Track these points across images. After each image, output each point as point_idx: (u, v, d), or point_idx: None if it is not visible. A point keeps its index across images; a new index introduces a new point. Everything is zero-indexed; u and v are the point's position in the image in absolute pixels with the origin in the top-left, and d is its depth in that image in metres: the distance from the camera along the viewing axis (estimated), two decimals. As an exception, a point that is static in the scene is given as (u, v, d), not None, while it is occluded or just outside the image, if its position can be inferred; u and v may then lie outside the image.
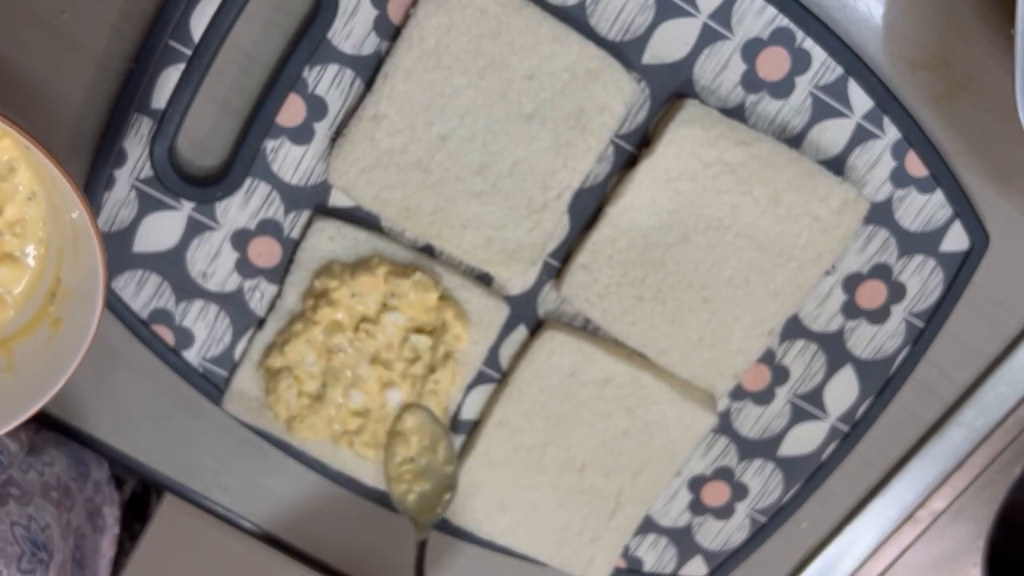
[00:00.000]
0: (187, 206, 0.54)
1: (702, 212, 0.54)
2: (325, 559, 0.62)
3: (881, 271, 0.58)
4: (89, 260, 0.46)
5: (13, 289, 0.50)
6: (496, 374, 0.59)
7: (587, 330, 0.58)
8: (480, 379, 0.58)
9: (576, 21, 0.52)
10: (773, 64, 0.53)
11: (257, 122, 0.52)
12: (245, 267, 0.55)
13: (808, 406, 0.61)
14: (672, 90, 0.54)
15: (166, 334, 0.56)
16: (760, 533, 0.64)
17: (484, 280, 0.57)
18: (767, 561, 0.65)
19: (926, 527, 0.66)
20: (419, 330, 0.55)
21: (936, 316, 0.59)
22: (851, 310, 0.59)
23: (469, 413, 0.59)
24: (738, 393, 0.60)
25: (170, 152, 0.52)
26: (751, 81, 0.54)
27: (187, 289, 0.55)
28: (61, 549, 0.54)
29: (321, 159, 0.54)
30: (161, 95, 0.51)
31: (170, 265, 0.55)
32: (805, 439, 0.61)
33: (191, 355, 0.57)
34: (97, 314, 0.46)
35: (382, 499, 0.60)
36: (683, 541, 0.63)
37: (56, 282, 0.49)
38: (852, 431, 0.61)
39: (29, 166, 0.48)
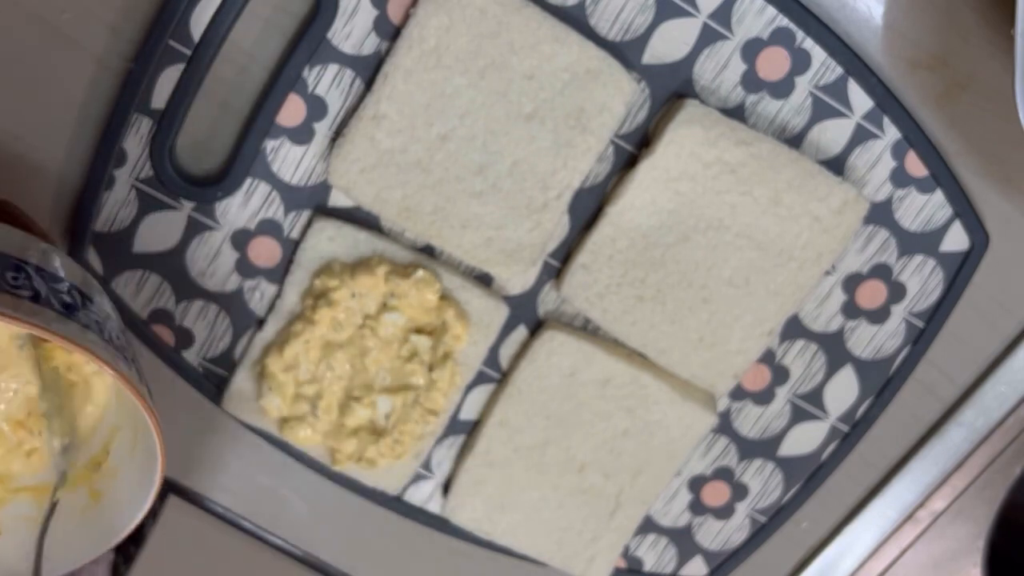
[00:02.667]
0: (187, 206, 0.54)
1: (702, 212, 0.54)
2: (325, 559, 0.62)
3: (881, 271, 0.58)
4: (146, 469, 0.46)
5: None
6: (496, 374, 0.59)
7: (587, 330, 0.58)
8: (480, 379, 0.58)
9: (576, 21, 0.52)
10: (773, 64, 0.53)
11: (257, 122, 0.52)
12: (245, 267, 0.55)
13: (808, 406, 0.61)
14: (672, 90, 0.54)
15: (166, 334, 0.56)
16: (760, 533, 0.64)
17: (484, 280, 0.57)
18: (767, 561, 0.65)
19: (926, 527, 0.66)
20: (419, 330, 0.55)
21: (936, 316, 0.59)
22: (851, 310, 0.59)
23: (469, 413, 0.59)
24: (738, 393, 0.60)
25: (170, 152, 0.52)
26: (751, 81, 0.54)
27: (187, 289, 0.55)
28: None
29: (321, 159, 0.54)
30: (161, 95, 0.51)
31: (170, 265, 0.55)
32: (805, 439, 0.61)
33: (191, 355, 0.57)
34: (137, 518, 0.46)
35: (382, 499, 0.60)
36: (683, 541, 0.63)
37: (104, 454, 0.49)
38: (852, 431, 0.61)
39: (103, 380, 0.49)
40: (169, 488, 0.60)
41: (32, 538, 0.48)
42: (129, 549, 0.62)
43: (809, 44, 0.53)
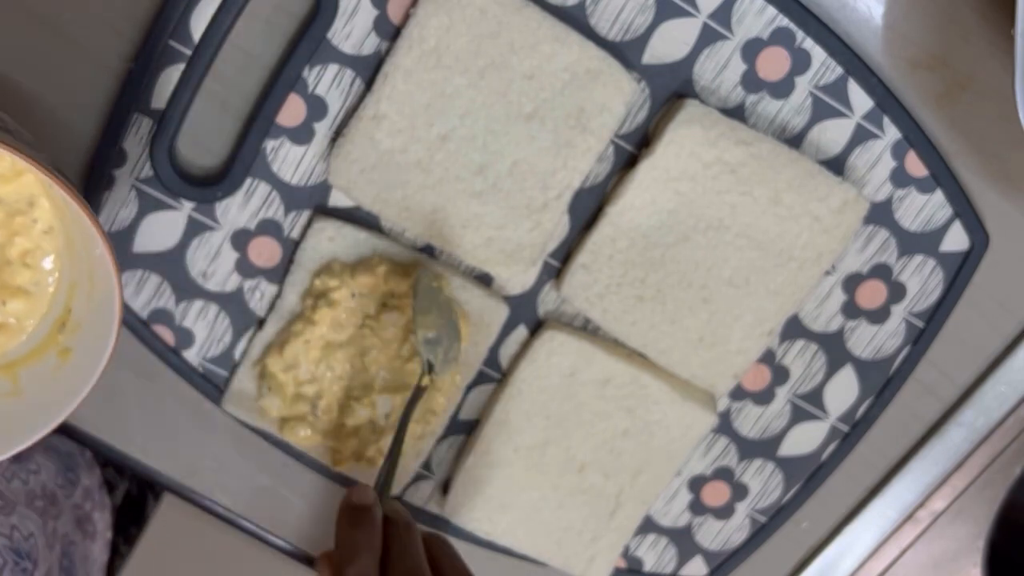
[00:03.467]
0: (187, 206, 0.54)
1: (702, 212, 0.54)
2: (325, 559, 0.62)
3: (881, 271, 0.58)
4: (105, 297, 0.46)
5: (23, 319, 0.50)
6: (496, 374, 0.59)
7: (587, 330, 0.58)
8: (480, 379, 0.58)
9: (576, 21, 0.52)
10: (773, 64, 0.53)
11: (257, 122, 0.52)
12: (245, 267, 0.55)
13: (808, 406, 0.61)
14: (672, 90, 0.54)
15: (166, 334, 0.56)
16: (760, 533, 0.64)
17: (484, 280, 0.57)
18: (767, 561, 0.65)
19: (926, 527, 0.66)
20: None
21: (936, 316, 0.59)
22: (851, 310, 0.59)
23: (469, 413, 0.59)
24: (738, 393, 0.60)
25: (170, 152, 0.52)
26: (751, 81, 0.54)
27: (187, 289, 0.55)
28: (47, 558, 0.54)
29: (321, 159, 0.54)
30: (161, 95, 0.51)
31: (170, 265, 0.55)
32: (805, 439, 0.61)
33: (191, 355, 0.57)
34: (109, 350, 0.47)
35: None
36: (683, 541, 0.63)
37: (67, 312, 0.50)
38: (852, 431, 0.61)
39: (50, 200, 0.48)
40: (169, 488, 0.60)
41: (11, 410, 0.49)
42: (130, 530, 0.62)
43: (809, 44, 0.53)
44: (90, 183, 0.53)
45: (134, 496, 0.63)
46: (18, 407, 0.49)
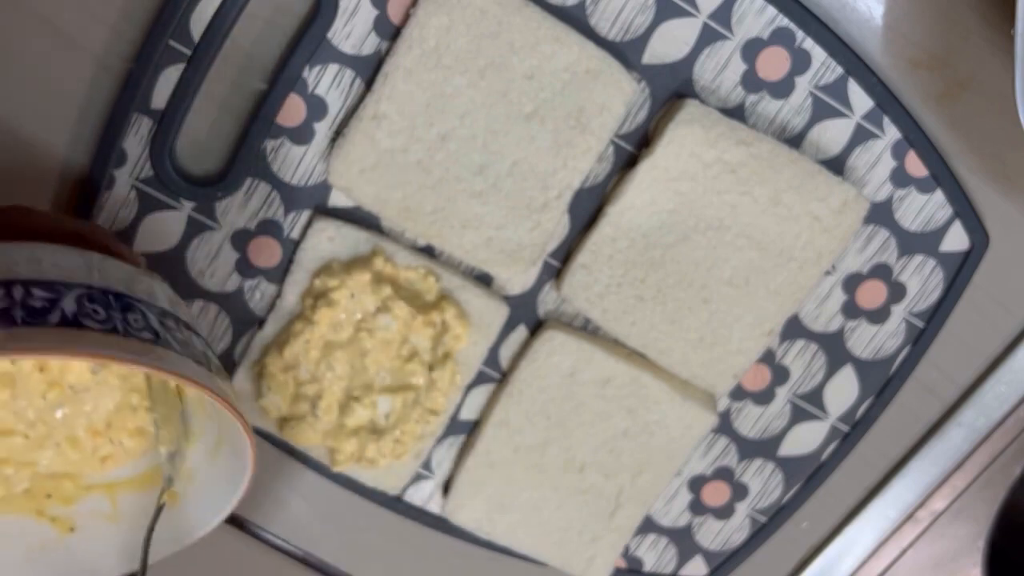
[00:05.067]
0: (187, 206, 0.54)
1: (702, 212, 0.54)
2: (325, 559, 0.62)
3: (881, 271, 0.58)
4: (229, 472, 0.46)
5: (136, 455, 0.50)
6: (496, 374, 0.59)
7: (587, 330, 0.58)
8: (480, 379, 0.58)
9: (576, 21, 0.52)
10: (773, 64, 0.53)
11: (257, 122, 0.52)
12: (245, 267, 0.55)
13: (808, 406, 0.61)
14: (672, 90, 0.54)
15: (166, 334, 0.56)
16: (760, 533, 0.64)
17: (484, 280, 0.57)
18: (767, 561, 0.65)
19: (926, 527, 0.66)
20: (419, 330, 0.55)
21: (936, 316, 0.59)
22: (851, 310, 0.59)
23: (469, 413, 0.59)
24: (738, 393, 0.60)
25: (170, 152, 0.52)
26: (751, 81, 0.54)
27: (187, 289, 0.55)
28: None
29: (321, 159, 0.54)
30: (161, 95, 0.51)
31: (170, 265, 0.55)
32: (805, 439, 0.61)
33: (191, 355, 0.57)
34: (217, 521, 0.46)
35: (382, 499, 0.60)
36: (683, 541, 0.63)
37: (181, 458, 0.49)
38: (852, 431, 0.61)
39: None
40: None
41: (106, 533, 0.48)
42: None
43: (809, 44, 0.53)
44: (90, 183, 0.53)
45: None
46: (113, 534, 0.48)
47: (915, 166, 0.56)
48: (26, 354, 0.36)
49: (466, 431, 0.60)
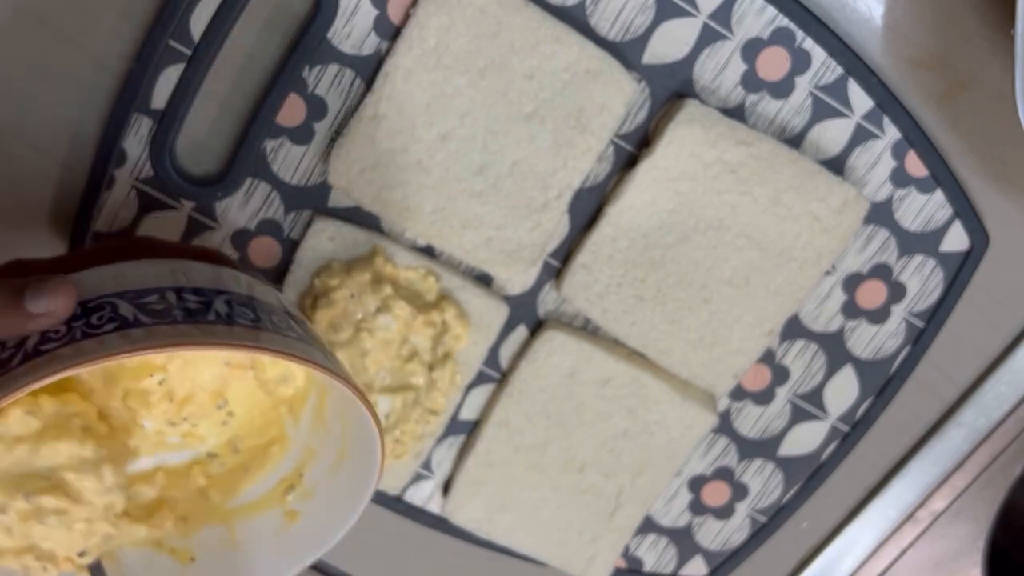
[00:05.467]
0: (187, 206, 0.54)
1: (702, 212, 0.54)
2: (325, 559, 0.62)
3: (881, 271, 0.58)
4: (353, 485, 0.45)
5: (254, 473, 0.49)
6: (496, 374, 0.59)
7: (587, 330, 0.58)
8: (480, 379, 0.58)
9: (576, 21, 0.52)
10: (773, 64, 0.53)
11: (257, 122, 0.52)
12: (245, 267, 0.55)
13: (808, 406, 0.61)
14: (672, 90, 0.54)
15: (166, 334, 0.56)
16: (760, 533, 0.64)
17: (484, 280, 0.57)
18: (767, 561, 0.65)
19: (926, 527, 0.66)
20: (418, 330, 0.55)
21: (936, 316, 0.59)
22: (851, 310, 0.59)
23: (469, 413, 0.59)
24: (738, 393, 0.60)
25: (170, 152, 0.52)
26: (751, 81, 0.54)
27: (187, 289, 0.55)
28: None
29: (321, 159, 0.54)
30: (161, 95, 0.51)
31: (170, 265, 0.55)
32: (805, 439, 0.61)
33: (191, 355, 0.57)
34: (340, 534, 0.46)
35: (382, 499, 0.60)
36: (683, 541, 0.63)
37: (297, 476, 0.49)
38: (852, 431, 0.61)
39: (311, 382, 0.48)
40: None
41: (225, 561, 0.48)
42: None
43: (809, 44, 0.53)
44: (90, 183, 0.53)
45: None
46: (233, 560, 0.48)
47: (915, 166, 0.56)
48: (216, 348, 0.38)
49: (466, 431, 0.60)
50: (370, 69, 0.52)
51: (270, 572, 0.47)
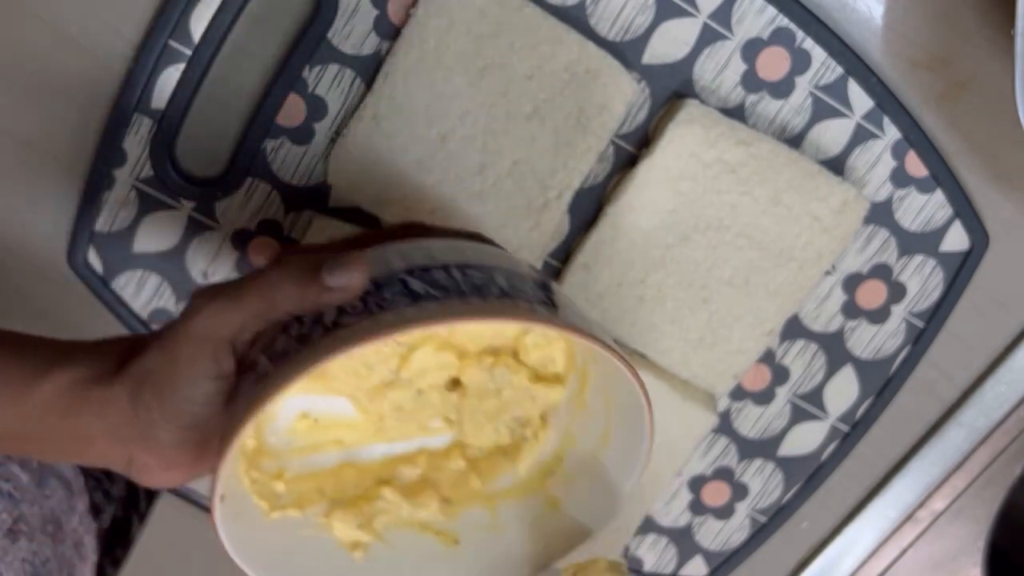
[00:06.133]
0: (187, 206, 0.54)
1: (702, 212, 0.54)
2: (325, 559, 0.62)
3: (881, 271, 0.58)
4: (614, 475, 0.45)
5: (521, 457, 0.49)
6: (496, 374, 0.59)
7: (587, 330, 0.58)
8: (480, 379, 0.58)
9: (576, 21, 0.52)
10: (773, 64, 0.53)
11: (257, 122, 0.52)
12: (245, 267, 0.55)
13: (808, 406, 0.61)
14: (672, 90, 0.54)
15: (166, 334, 0.56)
16: (760, 533, 0.63)
17: (484, 280, 0.57)
18: (767, 561, 0.65)
19: (926, 527, 0.66)
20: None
21: (936, 316, 0.59)
22: (851, 310, 0.59)
23: (469, 413, 0.59)
24: (738, 393, 0.60)
25: (170, 152, 0.52)
26: (751, 81, 0.54)
27: (187, 289, 0.55)
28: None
29: (321, 159, 0.54)
30: (161, 95, 0.51)
31: (170, 265, 0.55)
32: (805, 439, 0.61)
33: (191, 355, 0.57)
34: (602, 525, 0.45)
35: (382, 499, 0.60)
36: (683, 541, 0.63)
37: (557, 461, 0.48)
38: (852, 431, 0.61)
39: (568, 358, 0.47)
40: (170, 489, 0.60)
41: (488, 544, 0.47)
42: (116, 552, 0.62)
43: (809, 44, 0.53)
44: (90, 183, 0.53)
45: (119, 520, 0.63)
46: (496, 544, 0.47)
47: (915, 166, 0.56)
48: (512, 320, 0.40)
49: (466, 431, 0.60)
50: (370, 69, 0.52)
51: (533, 559, 0.47)
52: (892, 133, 0.55)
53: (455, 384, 0.47)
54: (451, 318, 0.38)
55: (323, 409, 0.46)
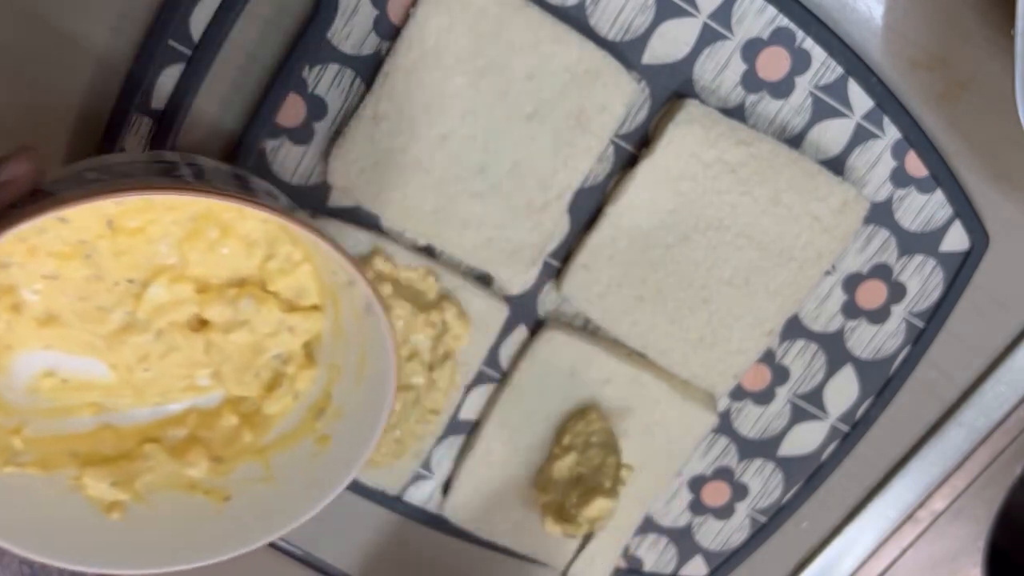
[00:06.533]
0: (187, 206, 0.54)
1: (702, 212, 0.54)
2: (325, 559, 0.62)
3: (881, 271, 0.58)
4: (376, 386, 0.45)
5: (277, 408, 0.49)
6: (496, 374, 0.59)
7: (587, 330, 0.58)
8: (480, 379, 0.58)
9: (576, 21, 0.52)
10: (773, 64, 0.53)
11: (257, 122, 0.52)
12: (245, 267, 0.55)
13: (808, 406, 0.61)
14: (672, 90, 0.54)
15: (166, 334, 0.56)
16: (760, 533, 0.64)
17: (484, 280, 0.57)
18: (767, 561, 0.65)
19: (926, 527, 0.66)
20: (419, 330, 0.55)
21: (936, 316, 0.59)
22: (851, 310, 0.59)
23: (469, 413, 0.59)
24: (738, 393, 0.60)
25: (170, 152, 0.52)
26: (751, 81, 0.54)
27: (187, 289, 0.55)
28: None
29: (321, 159, 0.54)
30: (161, 95, 0.51)
31: (170, 265, 0.55)
32: (805, 439, 0.61)
33: (191, 355, 0.57)
34: (374, 440, 0.45)
35: (382, 499, 0.60)
36: (683, 541, 0.63)
37: (326, 398, 0.48)
38: (852, 431, 0.61)
39: (320, 284, 0.47)
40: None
41: (261, 496, 0.47)
42: None
43: (809, 44, 0.53)
44: (90, 183, 0.53)
45: None
46: (270, 494, 0.47)
47: (915, 166, 0.56)
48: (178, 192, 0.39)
49: (466, 431, 0.60)
50: (370, 69, 0.52)
51: (305, 502, 0.46)
52: (892, 133, 0.55)
53: (202, 324, 0.46)
54: (122, 190, 0.38)
55: (72, 368, 0.45)
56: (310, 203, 0.54)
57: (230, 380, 0.48)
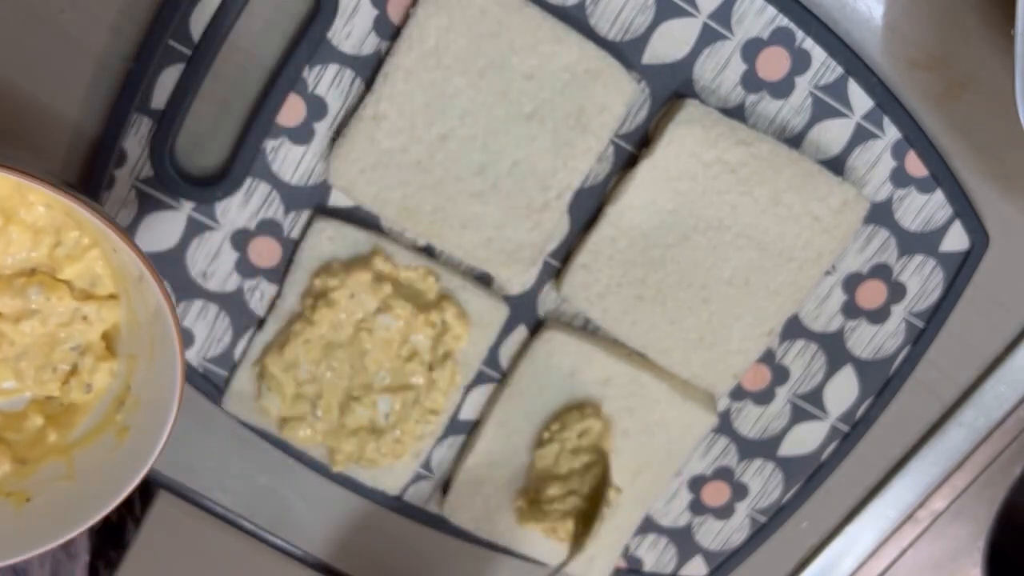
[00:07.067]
0: (187, 206, 0.54)
1: (702, 212, 0.54)
2: (325, 559, 0.62)
3: (881, 271, 0.58)
4: (166, 373, 0.44)
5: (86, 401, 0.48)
6: (496, 374, 0.59)
7: (587, 330, 0.58)
8: (480, 379, 0.58)
9: (576, 21, 0.52)
10: (773, 64, 0.53)
11: (257, 122, 0.52)
12: (245, 267, 0.55)
13: (808, 406, 0.61)
14: (672, 90, 0.54)
15: (166, 334, 0.56)
16: (760, 533, 0.64)
17: (484, 280, 0.57)
18: (767, 561, 0.65)
19: (926, 527, 0.66)
20: (418, 330, 0.55)
21: (936, 316, 0.59)
22: (851, 310, 0.59)
23: (469, 413, 0.59)
24: (738, 393, 0.60)
25: (170, 152, 0.52)
26: (751, 81, 0.54)
27: (187, 289, 0.55)
28: (38, 574, 0.54)
29: (321, 159, 0.54)
30: (161, 95, 0.51)
31: (170, 265, 0.55)
32: (805, 439, 0.61)
33: (191, 355, 0.57)
34: (167, 430, 0.44)
35: (382, 499, 0.60)
36: (683, 541, 0.63)
37: (126, 389, 0.48)
38: (852, 431, 0.61)
39: (111, 273, 0.46)
40: (165, 487, 0.60)
41: (65, 494, 0.46)
42: (110, 554, 0.62)
43: (809, 44, 0.53)
44: (90, 183, 0.53)
45: (114, 522, 0.63)
46: (71, 492, 0.47)
47: (915, 166, 0.56)
48: None
49: (466, 431, 0.60)
50: (370, 69, 0.52)
51: (107, 495, 0.46)
52: (892, 133, 0.55)
53: None
54: None
55: None
56: (310, 203, 0.54)
57: (29, 377, 0.47)
